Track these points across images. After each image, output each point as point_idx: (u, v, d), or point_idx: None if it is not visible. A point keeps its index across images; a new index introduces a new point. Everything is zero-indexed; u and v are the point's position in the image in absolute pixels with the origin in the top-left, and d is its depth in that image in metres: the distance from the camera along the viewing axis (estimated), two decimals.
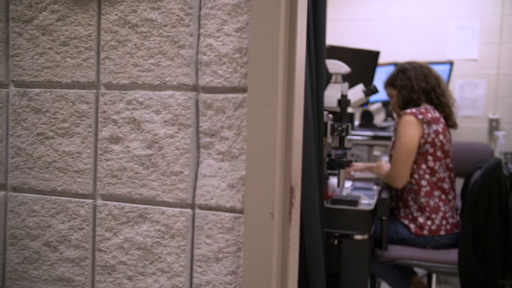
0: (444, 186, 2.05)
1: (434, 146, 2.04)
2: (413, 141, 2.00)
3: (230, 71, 0.79)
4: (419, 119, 2.02)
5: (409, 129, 2.01)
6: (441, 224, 1.98)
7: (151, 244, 0.83)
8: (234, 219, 0.80)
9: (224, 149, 0.80)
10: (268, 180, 0.76)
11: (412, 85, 2.10)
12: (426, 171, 2.04)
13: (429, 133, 2.02)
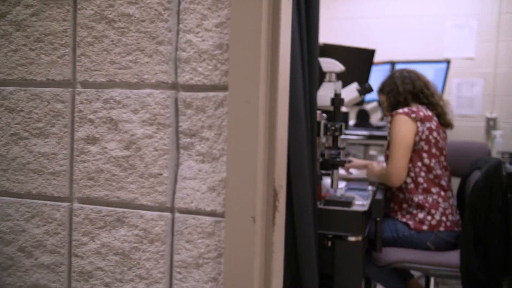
0: (442, 183, 2.03)
1: (429, 143, 2.03)
2: (409, 138, 2.01)
3: (210, 68, 0.76)
4: (412, 118, 2.03)
5: (403, 126, 2.01)
6: (441, 220, 1.96)
7: (129, 249, 0.80)
8: (215, 223, 0.76)
9: (205, 150, 0.77)
10: (250, 183, 0.72)
11: (398, 89, 2.16)
12: (422, 168, 2.02)
13: (423, 130, 2.02)
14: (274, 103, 0.76)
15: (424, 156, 2.03)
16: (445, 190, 2.03)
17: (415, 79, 2.18)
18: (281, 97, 0.77)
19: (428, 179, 2.02)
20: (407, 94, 2.14)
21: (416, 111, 2.04)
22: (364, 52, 2.69)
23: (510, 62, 3.53)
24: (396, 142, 2.02)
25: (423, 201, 2.00)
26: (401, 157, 2.00)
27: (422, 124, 2.02)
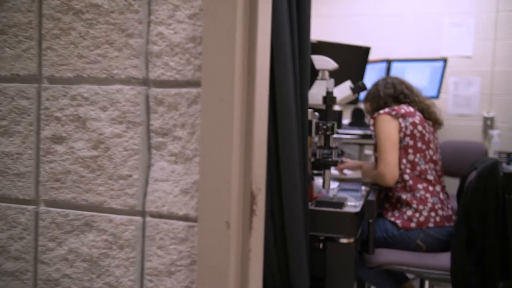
0: (429, 178, 2.00)
1: (414, 137, 2.01)
2: (393, 134, 2.00)
3: (183, 62, 0.71)
4: (393, 115, 2.03)
5: (386, 125, 2.02)
6: (430, 216, 1.92)
7: (98, 256, 0.75)
8: (188, 228, 0.71)
9: (177, 150, 0.72)
10: (223, 186, 0.68)
11: (379, 93, 2.19)
12: (407, 165, 2.00)
13: (406, 125, 2.01)
14: (251, 101, 0.71)
15: (409, 152, 2.01)
16: (433, 185, 2.00)
17: (396, 83, 2.20)
18: (259, 95, 0.72)
19: (414, 176, 1.99)
20: (388, 97, 2.17)
21: (397, 109, 2.05)
22: (359, 50, 2.64)
23: (507, 60, 3.49)
24: (382, 141, 2.01)
25: (411, 199, 1.97)
26: (389, 155, 1.98)
27: (404, 120, 2.02)
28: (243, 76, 0.69)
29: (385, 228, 1.98)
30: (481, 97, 3.55)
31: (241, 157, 0.70)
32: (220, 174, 0.68)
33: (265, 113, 0.77)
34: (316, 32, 3.11)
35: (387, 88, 2.20)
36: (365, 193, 2.05)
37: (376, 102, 2.21)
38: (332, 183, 2.08)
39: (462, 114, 3.59)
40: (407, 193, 1.98)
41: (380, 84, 2.25)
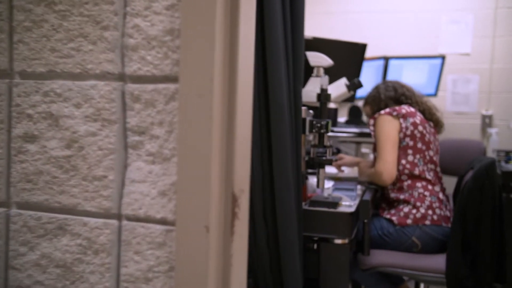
0: (428, 177, 1.97)
1: (414, 138, 1.98)
2: (393, 134, 1.97)
3: (160, 56, 0.67)
4: (394, 115, 2.00)
5: (386, 125, 1.99)
6: (427, 213, 1.89)
7: (72, 261, 0.71)
8: (165, 232, 0.67)
9: (155, 149, 0.68)
10: (202, 187, 0.64)
11: (380, 96, 2.16)
12: (406, 166, 1.97)
13: (407, 126, 1.98)
14: (233, 97, 0.67)
15: (409, 152, 1.98)
16: (433, 184, 1.97)
17: (397, 86, 2.18)
18: (242, 90, 0.68)
19: (412, 176, 1.96)
20: (389, 99, 2.14)
21: (398, 109, 2.01)
22: (355, 46, 2.60)
23: (506, 58, 3.45)
24: (381, 140, 1.97)
25: (409, 197, 1.94)
26: (388, 154, 1.95)
27: (405, 120, 1.98)
28: (223, 71, 0.65)
29: (381, 225, 1.94)
30: (480, 95, 3.51)
31: (221, 157, 0.66)
32: (199, 175, 0.64)
33: (248, 110, 0.73)
34: (312, 29, 3.07)
35: (387, 91, 2.18)
36: (360, 192, 2.01)
37: (377, 105, 2.18)
38: (327, 183, 2.05)
39: (461, 112, 3.55)
40: (405, 192, 1.95)
41: (380, 87, 2.23)
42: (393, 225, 1.91)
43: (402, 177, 1.96)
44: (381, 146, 1.97)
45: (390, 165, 1.93)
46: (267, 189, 1.65)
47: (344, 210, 1.69)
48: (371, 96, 2.24)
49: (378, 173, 1.94)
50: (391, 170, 1.92)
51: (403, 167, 1.96)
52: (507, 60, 3.46)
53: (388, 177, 1.92)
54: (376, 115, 2.04)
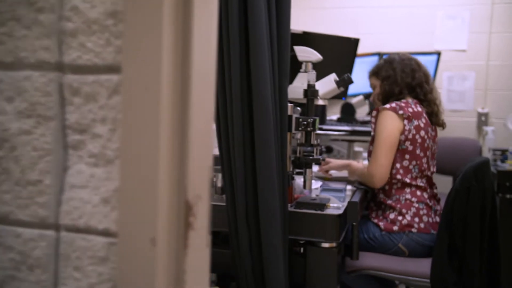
0: (419, 184, 1.88)
1: (414, 143, 1.87)
2: (394, 136, 1.86)
3: (102, 43, 0.58)
4: (399, 114, 1.86)
5: (389, 123, 1.86)
6: (413, 221, 1.81)
7: (3, 279, 0.62)
8: (108, 245, 0.58)
9: (97, 150, 0.59)
10: (147, 194, 0.55)
11: (396, 78, 1.95)
12: (400, 171, 1.88)
13: (410, 129, 1.86)
14: (186, 91, 0.58)
15: (405, 157, 1.88)
16: (423, 190, 1.88)
17: (416, 69, 1.97)
18: (198, 83, 0.59)
19: (403, 182, 1.88)
20: (404, 86, 1.95)
21: (405, 106, 1.88)
22: (347, 41, 2.52)
23: (503, 54, 3.37)
24: (380, 139, 1.87)
25: (396, 202, 1.86)
26: (384, 157, 1.85)
27: (409, 123, 1.86)
28: (174, 59, 0.56)
29: (367, 229, 1.86)
30: (476, 93, 3.43)
31: (172, 159, 0.57)
32: (144, 179, 0.55)
33: (209, 104, 0.64)
34: (305, 24, 2.98)
35: (405, 73, 1.95)
36: (350, 193, 1.93)
37: (390, 86, 1.96)
38: (315, 183, 1.96)
39: (456, 110, 3.47)
40: (392, 197, 1.87)
41: (396, 63, 1.97)
42: (380, 230, 1.84)
43: (393, 180, 1.89)
44: (378, 146, 1.87)
45: (383, 169, 1.84)
46: (250, 190, 1.56)
47: (331, 212, 1.60)
48: (384, 69, 2.00)
49: (370, 175, 1.86)
50: (383, 174, 1.84)
51: (396, 172, 1.88)
52: (504, 57, 3.38)
53: (380, 180, 1.85)
54: (380, 108, 1.91)
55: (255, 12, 1.49)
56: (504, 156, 2.93)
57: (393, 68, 1.98)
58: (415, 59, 2.01)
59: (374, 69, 2.06)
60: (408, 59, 1.99)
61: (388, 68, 1.99)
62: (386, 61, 2.03)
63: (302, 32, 2.34)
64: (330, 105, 3.47)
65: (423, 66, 2.01)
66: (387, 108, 1.88)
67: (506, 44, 3.36)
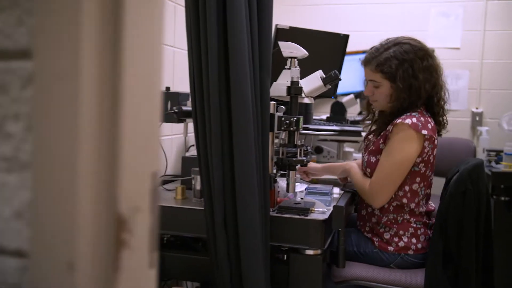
0: (421, 208, 1.72)
1: (427, 164, 1.67)
2: (411, 160, 1.60)
3: (13, 22, 0.47)
4: (421, 134, 1.57)
5: (408, 145, 1.58)
6: (410, 243, 1.67)
7: None
8: (21, 269, 0.48)
9: (10, 153, 0.49)
10: (65, 206, 0.45)
11: (419, 89, 1.60)
12: (407, 194, 1.68)
13: (428, 151, 1.62)
14: (117, 81, 0.47)
15: (416, 180, 1.67)
16: (419, 205, 1.73)
17: (432, 67, 1.63)
18: (135, 71, 0.49)
19: (406, 204, 1.70)
20: (425, 97, 1.62)
21: (424, 123, 1.59)
22: (336, 38, 2.42)
23: (497, 52, 3.28)
24: (393, 162, 1.60)
25: (392, 222, 1.69)
26: (393, 184, 1.62)
27: (429, 144, 1.61)
28: (100, 42, 0.46)
29: (359, 243, 1.74)
30: (470, 92, 3.35)
31: (97, 163, 0.47)
32: (60, 189, 0.45)
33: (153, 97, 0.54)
34: (295, 21, 2.88)
35: (426, 79, 1.59)
36: (338, 196, 1.83)
37: (410, 97, 1.58)
38: (300, 185, 1.86)
39: (450, 109, 3.37)
40: (389, 214, 1.69)
41: (417, 62, 1.58)
42: (373, 246, 1.71)
43: (395, 202, 1.70)
44: (389, 171, 1.61)
45: (388, 194, 1.64)
46: (228, 193, 1.46)
47: (316, 217, 1.51)
48: (403, 71, 1.57)
49: (371, 197, 1.67)
50: (387, 199, 1.66)
51: (404, 194, 1.67)
52: (498, 55, 3.29)
53: (380, 204, 1.68)
54: (399, 122, 1.57)
55: (234, 4, 1.39)
56: (499, 157, 2.84)
57: (415, 75, 1.57)
58: (436, 59, 1.69)
59: (381, 63, 1.63)
60: (429, 54, 1.66)
61: (408, 71, 1.58)
62: (404, 60, 1.59)
63: (288, 27, 2.24)
64: (320, 104, 3.37)
65: (435, 56, 1.69)
66: (409, 124, 1.56)
67: (500, 42, 3.28)
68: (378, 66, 1.65)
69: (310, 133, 2.15)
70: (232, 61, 1.42)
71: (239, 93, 1.41)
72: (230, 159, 1.44)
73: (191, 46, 1.49)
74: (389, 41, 1.72)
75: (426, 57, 1.66)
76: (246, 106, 1.41)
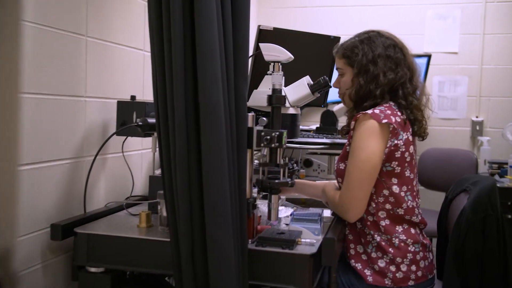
0: (414, 220, 1.49)
1: (403, 163, 1.44)
2: (377, 157, 1.40)
3: None
4: (384, 125, 1.39)
5: (371, 140, 1.39)
6: (410, 271, 1.42)
7: None
8: None
9: None
10: None
11: (378, 77, 1.46)
12: (389, 199, 1.46)
13: (398, 145, 1.41)
14: None
15: (393, 181, 1.44)
16: (415, 226, 1.49)
17: (400, 60, 1.48)
18: None
19: (395, 215, 1.46)
20: (386, 85, 1.46)
21: (390, 114, 1.42)
22: (326, 40, 2.19)
23: (497, 57, 3.08)
24: (357, 162, 1.41)
25: (386, 244, 1.44)
26: (361, 188, 1.41)
27: (396, 137, 1.40)
28: None
29: (348, 278, 1.49)
30: (469, 99, 3.13)
31: None
32: None
33: None
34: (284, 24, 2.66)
35: (387, 67, 1.46)
36: (329, 222, 1.58)
37: (368, 85, 1.47)
38: (285, 210, 1.61)
39: (448, 118, 3.17)
40: (381, 234, 1.46)
41: (379, 47, 1.48)
42: (366, 282, 1.44)
43: (380, 213, 1.45)
44: (353, 171, 1.41)
45: (360, 203, 1.41)
46: (196, 224, 1.21)
47: (303, 252, 1.26)
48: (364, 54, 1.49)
49: (343, 209, 1.45)
50: (360, 208, 1.42)
51: (385, 200, 1.44)
52: (499, 60, 3.09)
53: (355, 216, 1.45)
54: (360, 115, 1.43)
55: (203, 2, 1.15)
56: (503, 170, 2.62)
57: (374, 56, 1.48)
58: (401, 44, 1.53)
59: (347, 50, 1.55)
60: (393, 45, 1.51)
61: (366, 49, 1.50)
62: (366, 41, 1.53)
63: (272, 28, 2.00)
64: (309, 113, 3.14)
65: (409, 55, 1.53)
66: (369, 114, 1.40)
67: (500, 46, 3.08)
68: (342, 51, 1.58)
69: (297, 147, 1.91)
70: (201, 65, 1.18)
71: (209, 104, 1.17)
72: (198, 183, 1.19)
73: (153, 48, 1.25)
74: (363, 31, 1.62)
75: (393, 48, 1.52)
76: (217, 119, 1.17)
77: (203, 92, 1.17)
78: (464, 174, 2.76)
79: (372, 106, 1.48)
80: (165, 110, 1.23)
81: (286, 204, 1.71)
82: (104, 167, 1.71)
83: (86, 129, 1.61)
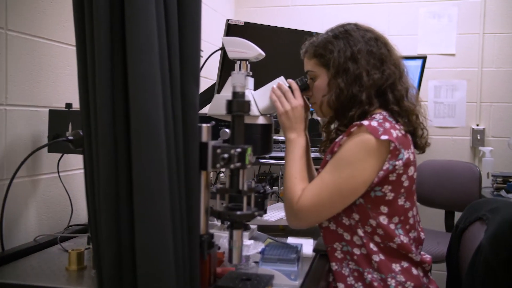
0: (411, 256, 1.19)
1: (398, 188, 1.15)
2: (362, 181, 1.12)
3: None
4: (382, 142, 1.11)
5: (363, 157, 1.12)
6: None
7: None
8: None
9: None
10: None
11: (360, 77, 1.18)
12: (377, 230, 1.16)
13: (395, 167, 1.12)
14: None
15: (382, 210, 1.15)
16: (415, 263, 1.20)
17: (385, 56, 1.21)
18: None
19: (388, 248, 1.17)
20: (372, 88, 1.18)
21: (389, 127, 1.14)
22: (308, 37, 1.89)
23: (498, 59, 2.81)
24: (337, 178, 1.13)
25: (379, 285, 1.14)
26: (329, 205, 1.15)
27: (395, 158, 1.12)
28: None
29: None
30: (468, 105, 2.86)
31: None
32: None
33: None
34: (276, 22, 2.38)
35: (370, 64, 1.19)
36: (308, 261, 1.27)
37: (349, 89, 1.18)
38: (254, 245, 1.29)
39: (445, 126, 2.88)
40: (373, 272, 1.18)
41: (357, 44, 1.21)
42: None
43: (371, 246, 1.17)
44: (328, 187, 1.14)
45: (319, 220, 1.19)
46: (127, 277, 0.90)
47: None
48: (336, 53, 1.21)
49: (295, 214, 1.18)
50: (311, 223, 1.19)
51: (373, 231, 1.16)
52: (499, 62, 2.82)
53: (300, 226, 1.22)
54: (355, 126, 1.14)
55: None
56: (509, 185, 2.34)
57: (354, 56, 1.20)
58: (383, 37, 1.26)
59: (317, 48, 1.27)
60: (375, 39, 1.24)
61: (345, 47, 1.22)
62: (334, 35, 1.25)
63: (243, 23, 1.70)
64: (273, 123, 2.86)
65: (394, 49, 1.26)
66: (365, 127, 1.12)
67: (501, 47, 2.81)
68: (313, 50, 1.29)
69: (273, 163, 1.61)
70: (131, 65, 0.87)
71: (142, 113, 0.86)
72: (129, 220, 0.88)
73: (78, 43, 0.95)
74: (336, 25, 1.33)
75: (374, 41, 1.24)
76: (153, 133, 0.86)
77: (134, 99, 0.86)
78: (465, 189, 2.50)
79: (361, 115, 1.18)
80: (88, 123, 0.92)
81: (258, 236, 1.39)
82: (34, 191, 1.39)
83: (7, 145, 1.29)
